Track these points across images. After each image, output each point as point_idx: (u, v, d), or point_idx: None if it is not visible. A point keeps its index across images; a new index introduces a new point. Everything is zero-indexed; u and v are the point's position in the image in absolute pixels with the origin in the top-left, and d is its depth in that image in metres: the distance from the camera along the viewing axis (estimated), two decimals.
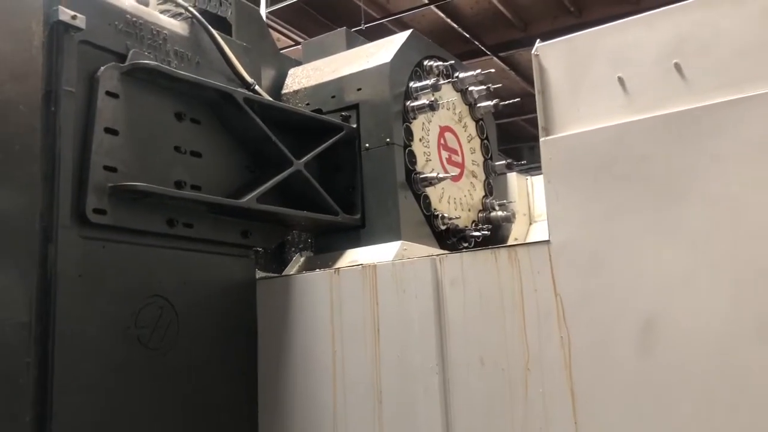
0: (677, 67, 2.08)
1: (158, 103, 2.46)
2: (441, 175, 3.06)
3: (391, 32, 10.46)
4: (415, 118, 3.12)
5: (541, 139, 2.24)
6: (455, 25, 10.44)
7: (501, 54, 11.37)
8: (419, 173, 3.05)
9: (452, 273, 2.33)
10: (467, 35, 10.65)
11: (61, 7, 2.15)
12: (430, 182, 3.06)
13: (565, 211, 2.16)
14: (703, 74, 2.04)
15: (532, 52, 2.33)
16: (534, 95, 2.31)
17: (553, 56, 2.31)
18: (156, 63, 2.41)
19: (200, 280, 2.54)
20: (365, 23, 9.48)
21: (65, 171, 2.14)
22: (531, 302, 2.17)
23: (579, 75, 2.25)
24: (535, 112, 2.25)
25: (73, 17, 2.18)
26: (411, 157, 3.04)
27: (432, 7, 9.84)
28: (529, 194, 3.94)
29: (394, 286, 2.44)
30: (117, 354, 2.23)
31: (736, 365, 1.83)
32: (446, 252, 2.54)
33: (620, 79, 2.17)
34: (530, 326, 2.16)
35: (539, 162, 2.28)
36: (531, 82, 12.68)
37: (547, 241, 2.17)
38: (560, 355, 2.09)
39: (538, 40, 2.37)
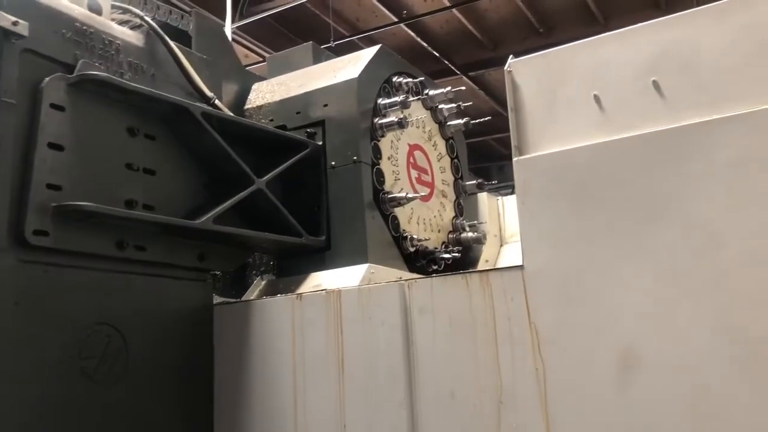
0: (655, 85, 2.00)
1: (109, 118, 2.30)
2: (410, 195, 2.94)
3: (360, 50, 10.40)
4: (383, 136, 3.01)
5: (515, 159, 2.14)
6: (425, 44, 10.42)
7: (471, 73, 11.38)
8: (387, 193, 2.93)
9: (421, 299, 2.20)
10: (437, 54, 10.63)
11: (0, 12, 1.99)
12: (399, 202, 2.94)
13: (540, 235, 2.05)
14: (683, 93, 1.96)
15: (505, 68, 2.23)
16: (503, 114, 2.21)
17: (526, 72, 2.22)
18: (107, 74, 2.26)
19: (152, 306, 2.38)
20: (335, 40, 9.39)
21: (3, 189, 1.97)
22: (504, 331, 2.05)
23: (553, 92, 2.16)
24: (505, 131, 2.17)
25: (15, 23, 2.02)
26: (379, 175, 2.92)
27: (402, 25, 9.80)
28: (500, 215, 3.84)
29: (360, 314, 2.30)
30: (58, 388, 2.05)
31: (721, 398, 1.73)
32: (415, 277, 2.41)
33: (596, 97, 2.08)
34: (503, 357, 2.04)
35: (509, 181, 2.18)
36: (500, 102, 12.73)
37: (520, 266, 2.06)
38: (535, 388, 1.97)
39: (510, 56, 2.28)
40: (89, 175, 2.21)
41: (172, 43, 2.58)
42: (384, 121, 2.97)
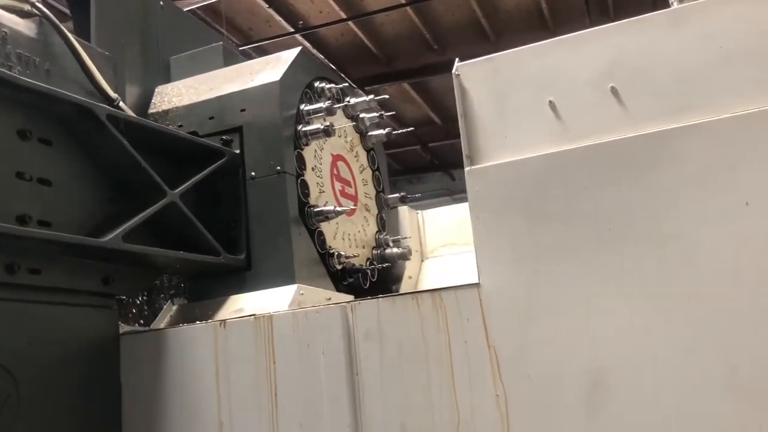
0: (614, 91, 1.91)
1: None
2: (338, 209, 2.73)
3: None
4: (307, 144, 2.78)
5: (466, 169, 1.99)
6: (321, 56, 10.23)
7: (366, 88, 11.29)
8: (313, 206, 2.70)
9: (367, 323, 2.00)
10: (333, 67, 10.47)
11: None
12: (326, 216, 2.72)
13: (496, 250, 1.91)
14: (641, 100, 1.88)
15: (453, 71, 2.08)
16: (399, 131, 2.06)
17: (474, 77, 2.08)
18: None
19: (49, 338, 2.02)
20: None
21: None
22: (460, 356, 1.88)
23: (504, 98, 2.03)
24: (400, 147, 2.04)
25: None
26: (304, 187, 2.69)
27: (297, 36, 9.57)
28: (420, 228, 3.70)
29: (296, 341, 2.06)
30: None
31: (700, 420, 1.64)
32: (359, 299, 2.18)
33: (551, 104, 1.96)
34: (460, 384, 1.87)
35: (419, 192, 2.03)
36: (395, 118, 12.68)
37: (476, 284, 1.90)
38: (496, 417, 1.81)
39: (456, 60, 2.13)
40: None
41: (70, 36, 2.24)
42: (309, 128, 2.75)
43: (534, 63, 2.02)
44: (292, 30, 9.46)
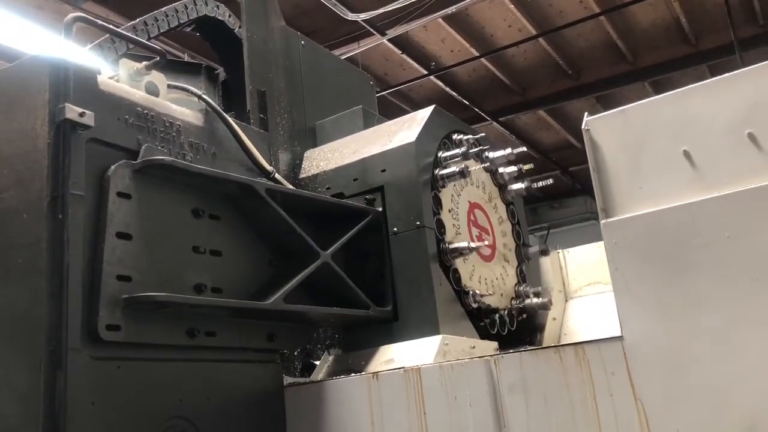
0: (751, 137, 1.88)
1: (174, 201, 2.24)
2: (473, 245, 2.81)
3: (390, 104, 10.42)
4: (444, 187, 2.91)
5: (602, 222, 2.02)
6: (454, 93, 10.43)
7: (500, 119, 11.34)
8: (450, 243, 2.81)
9: (511, 376, 2.07)
10: (466, 102, 10.62)
11: (68, 105, 1.96)
12: (461, 252, 2.80)
13: (638, 302, 1.92)
14: None
15: (582, 127, 2.13)
16: (535, 157, 2.10)
17: (605, 130, 2.12)
18: (171, 158, 2.21)
19: (224, 393, 2.27)
20: None
21: (74, 285, 1.90)
22: (607, 409, 1.91)
23: (637, 150, 2.05)
24: (538, 173, 2.06)
25: (81, 114, 1.98)
26: (440, 226, 2.81)
27: (431, 77, 9.82)
28: (562, 268, 3.70)
29: (444, 393, 2.17)
30: None
31: None
32: (501, 352, 2.26)
33: (686, 153, 1.97)
34: None
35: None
36: (531, 145, 12.53)
37: (620, 337, 1.92)
38: None
39: (586, 114, 2.18)
40: (157, 262, 2.13)
41: (231, 120, 2.53)
42: (445, 171, 2.88)
43: (665, 113, 2.04)
44: (425, 72, 9.72)
